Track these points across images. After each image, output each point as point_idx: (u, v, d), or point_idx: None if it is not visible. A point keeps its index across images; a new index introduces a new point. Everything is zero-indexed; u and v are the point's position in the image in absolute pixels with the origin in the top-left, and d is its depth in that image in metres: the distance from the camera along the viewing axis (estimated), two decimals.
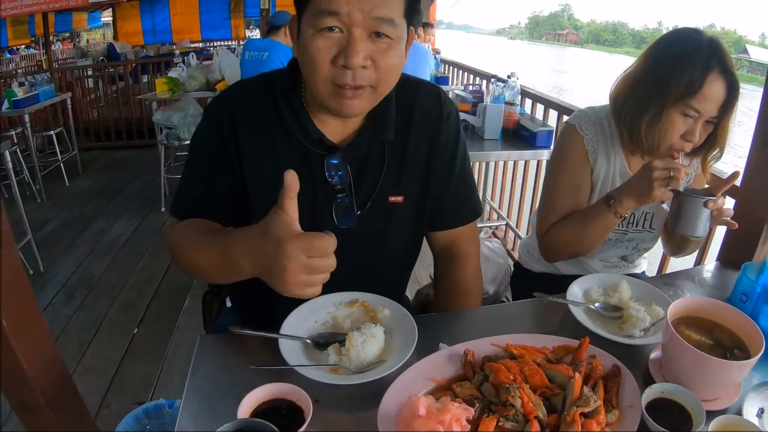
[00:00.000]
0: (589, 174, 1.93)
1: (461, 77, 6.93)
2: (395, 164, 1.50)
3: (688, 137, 1.71)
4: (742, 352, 1.24)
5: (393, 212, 1.54)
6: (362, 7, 1.17)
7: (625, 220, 1.98)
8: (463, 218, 1.67)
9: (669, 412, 1.15)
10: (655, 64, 1.76)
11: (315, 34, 1.21)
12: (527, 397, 1.10)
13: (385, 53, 1.25)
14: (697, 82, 1.64)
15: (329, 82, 1.26)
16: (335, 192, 1.46)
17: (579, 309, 1.53)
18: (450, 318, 1.61)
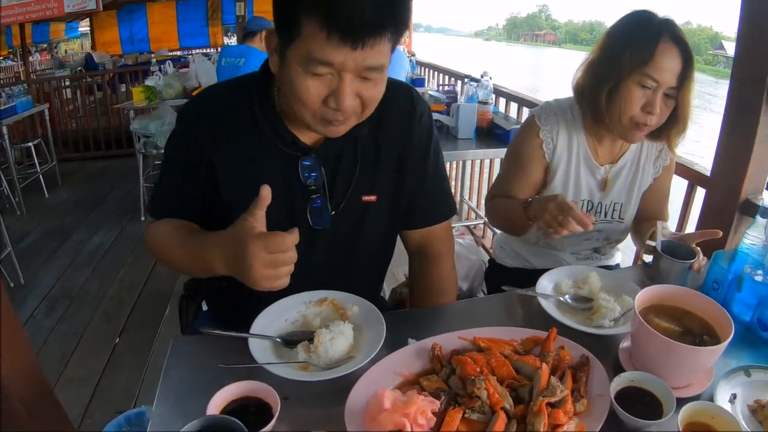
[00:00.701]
0: (539, 162, 1.98)
1: (436, 78, 6.96)
2: (368, 164, 1.51)
3: (648, 109, 1.73)
4: (712, 338, 1.24)
5: (367, 212, 1.55)
6: (356, 59, 1.17)
7: (593, 209, 2.00)
8: (437, 217, 1.68)
9: (639, 400, 1.15)
10: (609, 41, 1.81)
11: (304, 73, 1.21)
12: (493, 389, 1.10)
13: (371, 89, 1.27)
14: (648, 49, 1.68)
15: (317, 116, 1.28)
16: (310, 193, 1.47)
17: (549, 301, 1.53)
18: (420, 314, 1.62)
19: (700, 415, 1.11)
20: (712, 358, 1.21)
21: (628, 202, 2.00)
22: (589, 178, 1.98)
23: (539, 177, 2.01)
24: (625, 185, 1.99)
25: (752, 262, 1.54)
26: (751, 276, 1.52)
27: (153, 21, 12.63)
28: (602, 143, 1.97)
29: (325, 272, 1.57)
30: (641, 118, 1.74)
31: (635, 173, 1.99)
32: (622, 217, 2.02)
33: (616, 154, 1.99)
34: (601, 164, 1.97)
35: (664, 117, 1.77)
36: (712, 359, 1.22)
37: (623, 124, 1.78)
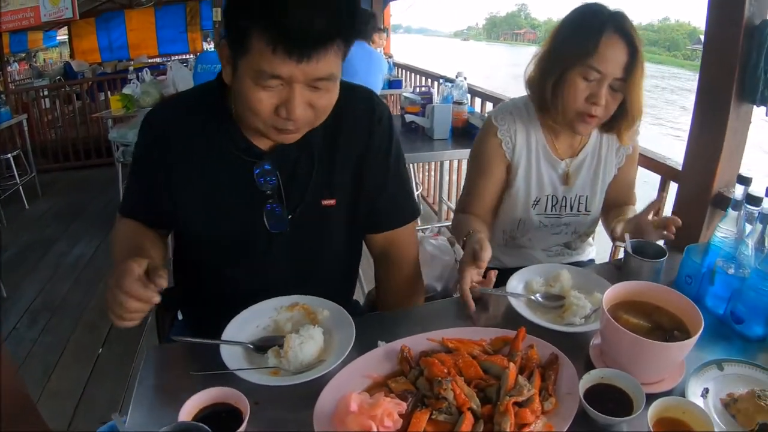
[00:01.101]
0: (501, 161, 1.98)
1: (414, 80, 6.99)
2: (326, 168, 1.51)
3: (593, 100, 1.73)
4: (682, 333, 1.24)
5: (327, 216, 1.55)
6: (304, 71, 1.19)
7: (558, 204, 2.01)
8: (400, 220, 1.67)
9: (609, 397, 1.15)
10: (556, 35, 1.83)
11: (255, 86, 1.22)
12: (459, 390, 1.10)
13: (322, 98, 1.29)
14: (591, 41, 1.69)
15: (270, 125, 1.30)
16: (265, 198, 1.48)
17: (519, 301, 1.54)
18: (391, 316, 1.62)
19: (671, 411, 1.11)
20: (682, 353, 1.21)
21: (593, 194, 2.01)
22: (550, 172, 1.99)
23: (502, 177, 2.01)
24: (588, 177, 2.00)
25: (724, 255, 1.55)
26: (724, 269, 1.53)
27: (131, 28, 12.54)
28: (560, 138, 1.98)
29: (290, 277, 1.58)
30: (586, 109, 1.75)
31: (597, 165, 1.99)
32: (589, 210, 2.03)
33: (576, 148, 2.00)
34: (561, 158, 1.98)
35: (612, 109, 1.78)
36: (682, 354, 1.22)
37: (569, 116, 1.79)
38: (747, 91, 1.82)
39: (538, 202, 2.01)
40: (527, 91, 1.95)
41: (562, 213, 2.02)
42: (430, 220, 5.43)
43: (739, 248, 1.51)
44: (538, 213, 2.02)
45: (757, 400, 1.15)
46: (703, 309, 1.52)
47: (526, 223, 2.04)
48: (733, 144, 1.90)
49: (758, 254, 1.46)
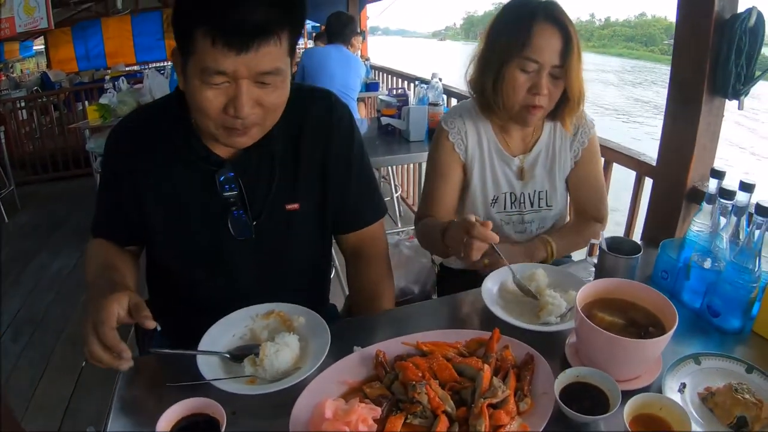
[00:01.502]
0: (456, 164, 1.99)
1: (391, 82, 7.02)
2: (288, 173, 1.52)
3: (534, 91, 1.74)
4: (657, 329, 1.24)
5: (292, 220, 1.55)
6: (247, 64, 1.20)
7: (516, 200, 2.01)
8: (367, 219, 1.69)
9: (586, 395, 1.15)
10: (489, 32, 1.84)
11: (202, 85, 1.24)
12: (434, 393, 1.09)
13: (271, 95, 1.30)
14: (524, 32, 1.71)
15: (219, 125, 1.31)
16: (229, 205, 1.48)
17: (493, 301, 1.53)
18: (367, 321, 1.61)
19: (648, 407, 1.11)
20: (657, 349, 1.21)
21: (552, 188, 2.00)
22: (505, 170, 1.99)
23: (460, 179, 2.01)
24: (544, 172, 2.00)
25: (700, 249, 1.55)
26: (699, 264, 1.53)
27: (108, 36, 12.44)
28: (511, 134, 1.99)
29: (261, 283, 1.59)
30: (530, 101, 1.76)
31: (552, 159, 1.99)
32: (550, 204, 2.02)
33: (528, 143, 2.00)
34: (514, 155, 1.98)
35: (556, 97, 1.79)
36: (658, 350, 1.22)
37: (514, 110, 1.81)
38: (718, 85, 1.83)
39: (497, 200, 2.01)
40: (470, 93, 1.96)
41: (523, 210, 2.02)
42: (410, 221, 5.39)
43: (714, 242, 1.52)
44: (498, 211, 2.02)
45: (735, 393, 1.15)
46: (679, 303, 1.55)
47: None
48: (706, 138, 1.91)
49: (733, 247, 1.47)
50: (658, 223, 2.07)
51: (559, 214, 2.07)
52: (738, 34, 1.75)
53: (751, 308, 1.45)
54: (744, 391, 1.16)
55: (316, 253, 1.70)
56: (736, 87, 1.80)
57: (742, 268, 1.40)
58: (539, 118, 1.86)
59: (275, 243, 1.56)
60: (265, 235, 1.53)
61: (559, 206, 2.04)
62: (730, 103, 1.89)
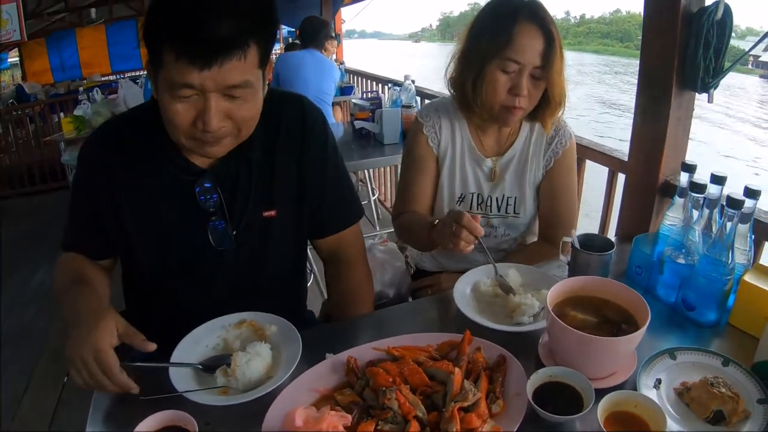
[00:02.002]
0: (431, 157, 1.99)
1: (365, 85, 7.03)
2: (265, 180, 1.51)
3: (515, 91, 1.73)
4: (630, 326, 1.23)
5: (269, 227, 1.54)
6: (214, 78, 1.19)
7: (483, 203, 2.00)
8: (344, 223, 1.68)
9: (559, 395, 1.14)
10: (470, 32, 1.82)
11: (172, 98, 1.23)
12: (404, 398, 1.09)
13: (241, 108, 1.28)
14: (505, 32, 1.69)
15: (189, 137, 1.30)
16: (209, 215, 1.47)
17: (466, 303, 1.53)
18: (340, 327, 1.61)
19: (623, 405, 1.11)
20: (631, 346, 1.21)
21: (521, 196, 1.98)
22: (476, 170, 1.98)
23: (435, 173, 2.01)
24: (515, 178, 1.98)
25: (673, 244, 1.56)
26: (672, 258, 1.54)
27: (83, 46, 12.34)
28: (486, 135, 1.98)
29: (240, 292, 1.57)
30: (510, 102, 1.75)
31: (524, 166, 1.97)
32: (518, 212, 2.00)
33: (503, 146, 1.98)
34: (486, 156, 1.97)
35: (536, 98, 1.78)
36: (631, 347, 1.22)
37: (494, 110, 1.79)
38: (687, 78, 1.84)
39: (463, 199, 2.00)
40: (450, 91, 1.95)
41: (489, 213, 2.00)
42: (388, 224, 5.36)
43: (687, 235, 1.52)
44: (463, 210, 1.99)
45: (710, 387, 1.15)
46: (654, 298, 1.56)
47: None
48: (676, 132, 1.92)
49: (706, 239, 1.47)
50: (632, 218, 2.08)
51: (528, 223, 2.04)
52: (705, 28, 1.76)
53: (726, 300, 1.46)
54: (720, 385, 1.16)
55: (293, 259, 1.69)
56: (705, 80, 1.81)
57: (715, 261, 1.39)
58: (519, 119, 1.85)
59: (253, 251, 1.55)
60: (245, 244, 1.53)
61: (528, 215, 2.02)
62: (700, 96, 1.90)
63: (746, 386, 1.20)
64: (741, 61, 1.93)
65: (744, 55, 1.93)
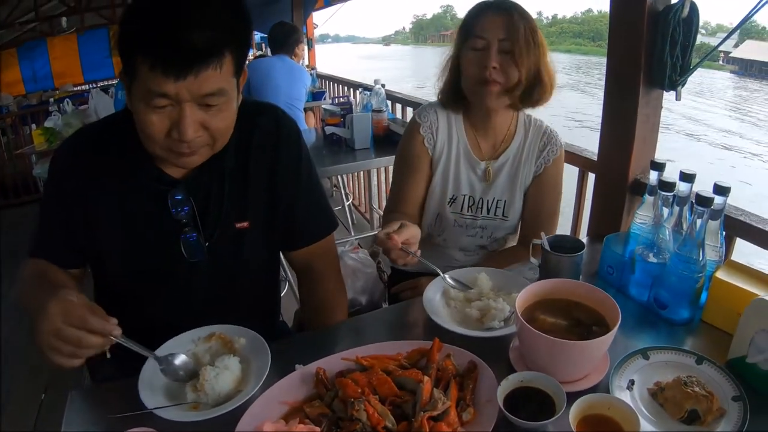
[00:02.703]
0: (425, 158, 2.02)
1: (337, 90, 7.03)
2: (238, 191, 1.50)
3: (484, 63, 1.79)
4: (601, 328, 1.23)
5: (241, 239, 1.53)
6: (188, 88, 1.18)
7: (474, 205, 2.02)
8: (317, 234, 1.66)
9: (531, 400, 1.13)
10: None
11: (146, 108, 1.21)
12: (373, 409, 1.07)
13: (216, 117, 1.27)
14: (472, 19, 1.83)
15: (165, 148, 1.29)
16: (182, 227, 1.45)
17: (436, 310, 1.52)
18: (310, 337, 1.60)
19: (596, 407, 1.10)
20: (601, 349, 1.20)
21: (511, 199, 2.01)
22: (469, 173, 2.00)
23: (428, 173, 2.03)
24: (507, 182, 2.01)
25: (644, 242, 1.56)
26: (643, 257, 1.54)
27: (54, 56, 12.16)
28: (482, 138, 2.01)
29: (213, 304, 1.55)
30: (482, 74, 1.80)
31: (517, 170, 2.00)
32: (506, 215, 2.03)
33: (498, 150, 2.01)
34: (482, 159, 2.00)
35: (511, 73, 1.81)
36: (602, 350, 1.22)
37: (471, 86, 1.86)
38: (655, 76, 1.85)
39: (455, 200, 2.02)
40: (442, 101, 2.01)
41: (478, 215, 2.03)
42: (363, 229, 5.42)
43: (657, 234, 1.52)
44: (453, 211, 2.03)
45: (684, 387, 1.15)
46: (627, 297, 1.57)
47: (442, 221, 2.05)
48: (645, 130, 1.93)
49: (677, 237, 1.48)
50: (603, 217, 2.09)
51: (512, 227, 2.08)
52: (672, 26, 1.77)
53: (699, 298, 1.46)
54: (694, 384, 1.15)
55: (266, 270, 1.68)
56: (672, 78, 1.82)
57: (686, 259, 1.40)
58: (497, 96, 1.84)
59: (226, 263, 1.54)
60: (218, 256, 1.51)
61: (515, 219, 2.05)
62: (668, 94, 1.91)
63: (721, 384, 1.20)
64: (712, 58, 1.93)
65: (710, 54, 1.94)
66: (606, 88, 1.99)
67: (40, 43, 12.19)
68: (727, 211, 1.58)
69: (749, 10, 1.67)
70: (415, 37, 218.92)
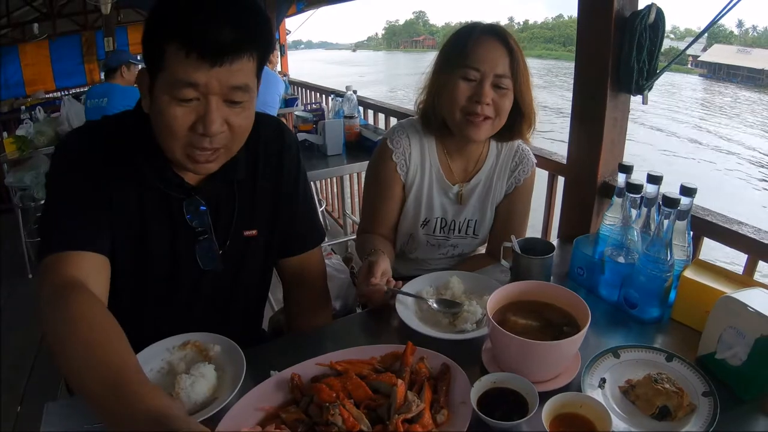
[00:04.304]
0: (397, 184, 2.01)
1: (309, 96, 7.03)
2: (247, 200, 1.53)
3: (476, 98, 1.76)
4: (572, 328, 1.25)
5: (248, 247, 1.56)
6: (219, 77, 1.19)
7: (446, 226, 2.04)
8: (311, 243, 1.71)
9: (504, 400, 1.15)
10: (436, 58, 1.90)
11: (171, 101, 1.21)
12: (348, 413, 1.08)
13: (239, 115, 1.28)
14: (464, 43, 1.77)
15: (186, 146, 1.27)
16: (196, 234, 1.46)
17: (409, 313, 1.54)
18: (284, 342, 1.62)
19: (568, 406, 1.12)
20: (572, 349, 1.23)
21: (482, 218, 2.04)
22: (441, 197, 2.01)
23: (401, 197, 2.04)
24: (479, 202, 2.02)
25: (613, 243, 1.59)
26: (612, 258, 1.57)
27: (26, 63, 11.99)
28: (455, 161, 2.00)
29: (213, 311, 1.57)
30: (471, 108, 1.77)
31: (488, 190, 2.02)
32: (477, 233, 2.06)
33: (469, 173, 2.02)
34: (454, 183, 2.00)
35: (504, 110, 1.80)
36: (573, 350, 1.24)
37: (456, 118, 1.81)
38: (622, 81, 1.88)
39: (427, 222, 2.04)
40: (420, 119, 1.99)
41: (450, 235, 2.06)
42: (336, 234, 5.41)
43: (626, 235, 1.55)
44: (426, 233, 2.05)
45: (654, 384, 1.17)
46: (597, 298, 1.59)
47: (415, 240, 2.07)
48: (613, 134, 1.97)
49: (645, 238, 1.51)
50: (573, 220, 2.12)
51: (481, 243, 2.12)
52: (638, 31, 1.81)
53: (668, 297, 1.49)
54: (664, 380, 1.18)
55: (263, 278, 1.69)
56: (639, 83, 1.86)
57: (655, 259, 1.43)
58: (485, 132, 1.83)
59: (233, 271, 1.56)
60: (226, 263, 1.52)
61: (485, 235, 2.08)
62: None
63: (691, 380, 1.23)
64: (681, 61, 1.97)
65: (676, 59, 1.97)
66: (575, 93, 2.02)
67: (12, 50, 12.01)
68: (694, 211, 1.61)
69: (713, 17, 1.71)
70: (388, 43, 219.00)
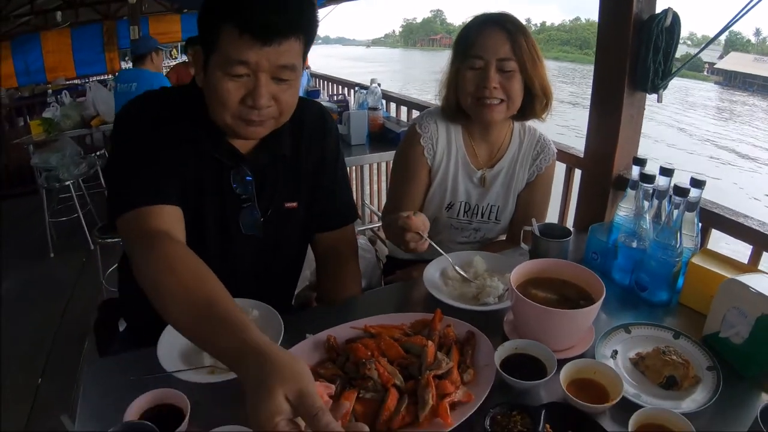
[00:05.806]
0: (424, 167, 2.08)
1: (331, 89, 7.11)
2: (290, 174, 1.64)
3: (483, 84, 1.85)
4: (587, 302, 1.35)
5: (289, 218, 1.67)
6: (269, 56, 1.30)
7: (470, 210, 2.12)
8: (346, 219, 1.82)
9: (524, 365, 1.25)
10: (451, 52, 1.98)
11: (224, 76, 1.32)
12: (383, 368, 1.17)
13: (286, 92, 1.39)
14: (469, 36, 1.87)
15: (236, 117, 1.38)
16: (241, 201, 1.55)
17: (436, 287, 1.64)
18: (317, 311, 1.73)
19: (583, 372, 1.22)
20: (588, 319, 1.32)
21: (504, 204, 2.11)
22: (466, 181, 2.08)
23: (426, 181, 2.12)
24: (502, 188, 2.09)
25: (626, 231, 1.68)
26: (626, 244, 1.66)
27: (48, 50, 12.05)
28: (480, 145, 2.08)
29: (250, 279, 1.65)
30: (480, 94, 1.86)
31: (511, 177, 2.09)
32: (499, 219, 2.13)
33: (494, 158, 2.09)
34: (479, 168, 2.07)
35: (513, 92, 1.87)
36: (589, 320, 1.33)
37: (468, 104, 1.92)
38: (638, 80, 1.97)
39: (452, 206, 2.11)
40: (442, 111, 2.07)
41: (473, 219, 2.13)
42: None
43: (638, 223, 1.64)
44: (450, 216, 2.12)
45: (663, 355, 1.27)
46: (610, 281, 1.68)
47: (439, 224, 2.13)
48: (629, 130, 2.05)
49: (656, 226, 1.60)
50: (588, 210, 2.21)
51: (504, 229, 2.18)
52: (655, 34, 1.89)
53: (676, 281, 1.59)
54: (671, 353, 1.28)
55: (300, 250, 1.82)
56: (654, 82, 1.94)
57: (665, 246, 1.52)
58: (498, 115, 1.91)
59: (273, 240, 1.65)
60: (267, 232, 1.62)
61: (506, 221, 2.15)
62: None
63: (696, 356, 1.32)
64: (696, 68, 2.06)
65: (691, 59, 2.06)
66: (593, 91, 2.10)
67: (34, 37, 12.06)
68: (702, 204, 1.70)
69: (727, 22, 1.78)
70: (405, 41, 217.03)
